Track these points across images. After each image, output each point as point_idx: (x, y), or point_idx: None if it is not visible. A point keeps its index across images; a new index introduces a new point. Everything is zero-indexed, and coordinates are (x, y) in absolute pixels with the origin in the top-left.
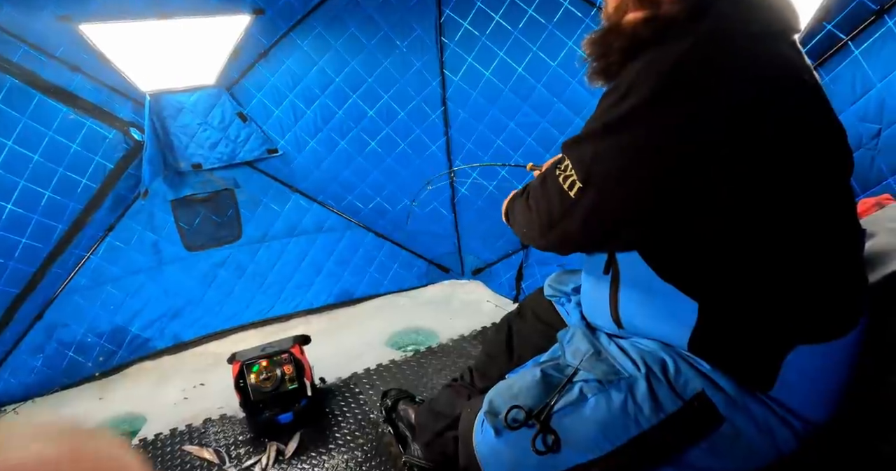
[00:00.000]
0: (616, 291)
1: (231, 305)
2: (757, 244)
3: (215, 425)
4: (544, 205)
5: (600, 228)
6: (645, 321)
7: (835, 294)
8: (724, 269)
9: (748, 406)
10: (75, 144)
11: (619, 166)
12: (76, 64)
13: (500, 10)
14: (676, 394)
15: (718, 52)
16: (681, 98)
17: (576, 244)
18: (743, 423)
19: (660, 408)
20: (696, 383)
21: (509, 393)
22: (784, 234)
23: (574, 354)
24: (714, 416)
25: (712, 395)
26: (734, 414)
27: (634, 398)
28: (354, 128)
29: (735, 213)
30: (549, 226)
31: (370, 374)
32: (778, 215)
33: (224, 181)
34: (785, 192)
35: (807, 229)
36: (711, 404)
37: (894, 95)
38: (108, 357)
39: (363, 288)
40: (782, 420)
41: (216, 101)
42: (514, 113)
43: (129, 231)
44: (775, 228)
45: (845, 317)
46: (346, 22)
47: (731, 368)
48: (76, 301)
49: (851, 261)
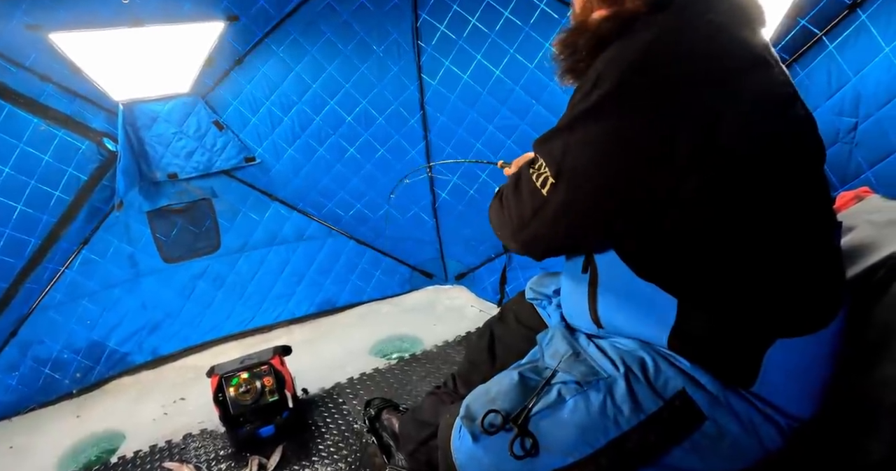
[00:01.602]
0: (594, 291)
1: (211, 318)
2: (731, 239)
3: (196, 440)
4: (516, 205)
5: (571, 226)
6: (624, 320)
7: (812, 287)
8: (701, 264)
9: (731, 404)
10: (47, 156)
11: (588, 159)
12: (46, 74)
13: (477, 13)
14: (657, 393)
15: (680, 42)
16: (645, 89)
17: (546, 245)
18: (726, 421)
19: (640, 408)
20: (676, 382)
21: (486, 397)
22: (757, 227)
23: (553, 355)
24: (696, 414)
25: (693, 393)
26: (716, 412)
27: (613, 399)
28: (333, 134)
29: (705, 207)
30: (520, 227)
31: (354, 383)
32: (749, 208)
33: (201, 191)
34: (754, 184)
35: (780, 222)
36: (693, 402)
37: (869, 89)
38: (85, 374)
39: (345, 296)
40: (766, 417)
41: (191, 109)
42: (492, 116)
43: (105, 244)
44: (748, 222)
45: (824, 310)
46: (321, 27)
47: (711, 364)
48: (51, 317)
49: (827, 253)
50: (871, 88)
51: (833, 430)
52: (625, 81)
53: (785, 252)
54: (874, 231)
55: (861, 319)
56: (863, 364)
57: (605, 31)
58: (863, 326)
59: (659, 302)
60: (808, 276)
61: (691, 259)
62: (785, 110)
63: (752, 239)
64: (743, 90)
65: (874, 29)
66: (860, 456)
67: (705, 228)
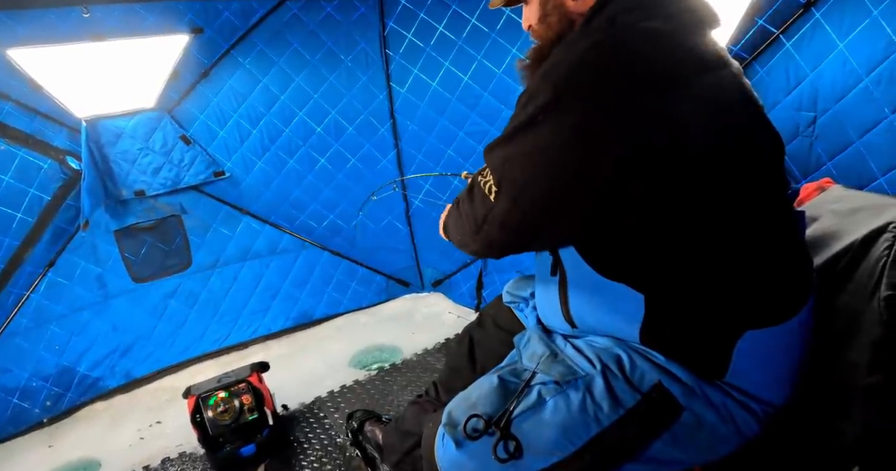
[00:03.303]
0: (565, 292)
1: (185, 337)
2: (686, 234)
3: (175, 464)
4: (469, 211)
5: (518, 231)
6: (596, 318)
7: (778, 278)
8: (662, 260)
9: (706, 393)
10: (7, 177)
11: (524, 169)
12: (5, 91)
13: (444, 21)
14: (634, 387)
15: (612, 51)
16: (578, 99)
17: (500, 247)
18: (702, 410)
19: (618, 403)
20: (652, 376)
21: (467, 403)
22: (717, 222)
23: (531, 357)
24: (673, 406)
25: (669, 385)
26: (693, 402)
27: (593, 396)
28: (303, 146)
29: (654, 207)
30: (475, 231)
31: (334, 397)
32: (701, 204)
33: (170, 207)
34: (703, 181)
35: (741, 216)
36: (669, 394)
37: (826, 84)
38: (55, 401)
39: (322, 308)
40: (741, 405)
41: (157, 124)
42: (462, 122)
43: (72, 266)
44: (702, 217)
45: (790, 300)
46: (288, 38)
47: (683, 357)
48: (18, 344)
49: (791, 244)
50: (827, 83)
51: (807, 414)
52: (558, 94)
53: (748, 245)
54: (837, 220)
55: (827, 306)
56: (832, 350)
57: (548, 41)
58: (829, 313)
59: (627, 299)
60: (773, 267)
61: (653, 255)
62: (734, 110)
63: (713, 234)
64: (688, 94)
65: (828, 26)
66: (835, 437)
67: (659, 227)
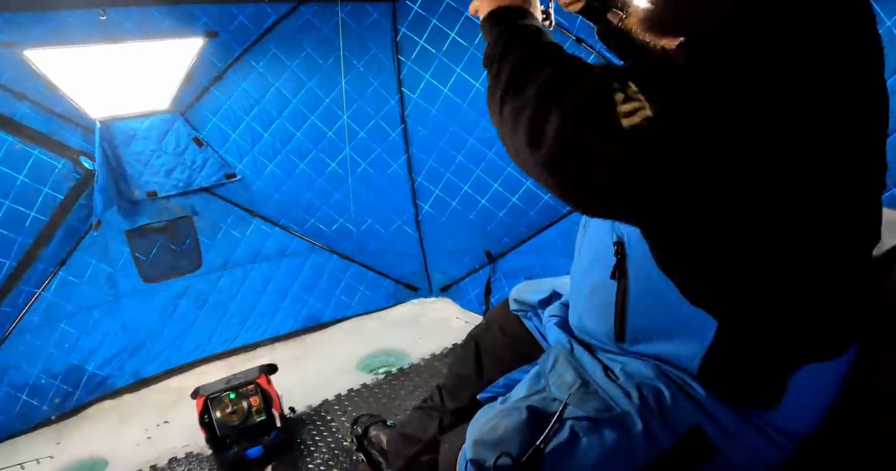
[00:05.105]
0: (624, 301)
1: (193, 337)
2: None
3: (181, 464)
4: (576, 115)
5: (642, 168)
6: (655, 336)
7: (851, 307)
8: (750, 288)
9: (741, 433)
10: (22, 176)
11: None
12: (22, 91)
13: (456, 27)
14: (671, 428)
15: None
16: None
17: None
18: (734, 451)
19: (654, 444)
20: (691, 417)
21: (493, 436)
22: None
23: (559, 385)
24: (707, 448)
25: (707, 427)
26: (726, 444)
27: (628, 436)
28: (314, 149)
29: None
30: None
31: (342, 400)
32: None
33: (181, 209)
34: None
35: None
36: (706, 436)
37: None
38: (64, 399)
39: (330, 312)
40: (773, 441)
41: (170, 126)
42: (473, 128)
43: (83, 265)
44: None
45: (851, 333)
46: (301, 43)
47: (734, 388)
48: (28, 341)
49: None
50: None
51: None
52: None
53: (836, 275)
54: None
55: None
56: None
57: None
58: None
59: (697, 323)
60: (852, 295)
61: (742, 281)
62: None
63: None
64: None
65: None
66: None
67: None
